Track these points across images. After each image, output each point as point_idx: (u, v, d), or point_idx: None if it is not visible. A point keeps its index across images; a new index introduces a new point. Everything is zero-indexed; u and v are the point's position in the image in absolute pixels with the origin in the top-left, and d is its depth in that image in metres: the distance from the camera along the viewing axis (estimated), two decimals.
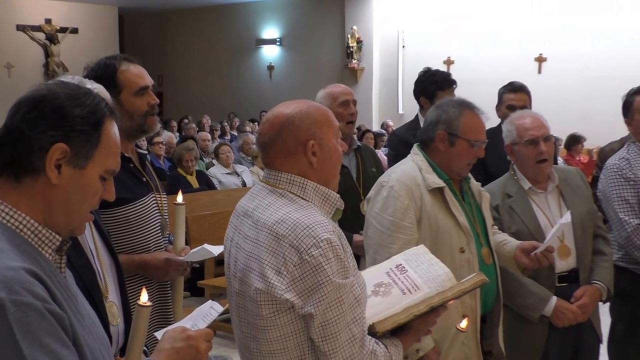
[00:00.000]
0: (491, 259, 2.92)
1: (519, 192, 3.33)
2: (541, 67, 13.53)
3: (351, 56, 15.78)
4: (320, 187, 2.02)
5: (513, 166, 3.42)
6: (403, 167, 2.89)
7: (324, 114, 2.07)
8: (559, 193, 3.36)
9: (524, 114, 3.39)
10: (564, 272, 3.28)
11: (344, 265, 1.89)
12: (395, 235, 2.73)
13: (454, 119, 2.83)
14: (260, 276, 1.92)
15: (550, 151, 3.31)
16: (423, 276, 2.18)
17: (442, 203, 2.80)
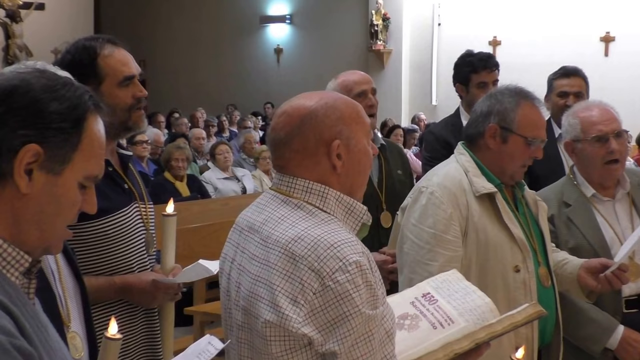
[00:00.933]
0: (550, 280, 2.93)
1: (579, 199, 3.34)
2: (608, 49, 13.49)
3: (376, 36, 15.81)
4: (344, 197, 2.02)
5: (573, 169, 3.43)
6: (446, 169, 2.91)
7: (353, 109, 2.07)
8: (630, 201, 3.37)
9: (590, 105, 3.41)
10: (633, 296, 3.27)
11: (375, 293, 1.89)
12: (437, 251, 2.75)
13: (509, 110, 2.86)
14: (271, 305, 1.90)
15: (623, 150, 3.32)
16: (458, 307, 2.18)
17: (493, 212, 2.82)
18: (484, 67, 4.42)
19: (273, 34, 18.17)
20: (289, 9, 17.90)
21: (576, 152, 3.37)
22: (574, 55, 12.80)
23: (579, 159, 3.37)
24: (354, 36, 16.47)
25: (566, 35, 13.57)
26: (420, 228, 2.80)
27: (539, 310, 2.23)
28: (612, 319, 3.24)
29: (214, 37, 18.66)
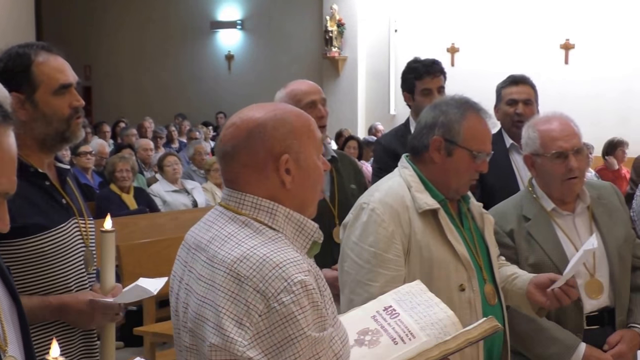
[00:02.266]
0: (496, 298, 2.92)
1: (539, 214, 3.35)
2: (568, 56, 13.68)
3: (331, 43, 15.86)
4: (294, 214, 2.01)
5: (532, 182, 3.44)
6: (388, 184, 2.89)
7: (304, 122, 2.07)
8: (590, 215, 3.39)
9: (550, 118, 3.41)
10: (595, 312, 3.29)
11: (322, 314, 1.88)
12: (377, 271, 2.73)
13: (454, 122, 2.84)
14: (216, 328, 1.89)
15: (582, 166, 3.33)
16: (420, 321, 2.18)
17: (437, 229, 2.80)
18: (427, 72, 4.42)
19: (224, 40, 18.14)
20: (240, 14, 17.90)
21: (536, 167, 3.38)
22: (534, 62, 13.02)
23: (538, 173, 3.38)
24: (307, 43, 16.51)
25: (526, 43, 13.74)
26: (360, 246, 2.78)
27: (494, 325, 2.24)
28: (574, 337, 3.25)
29: (162, 43, 18.58)
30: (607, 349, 3.26)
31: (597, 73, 13.15)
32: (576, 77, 13.32)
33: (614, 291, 3.30)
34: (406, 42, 15.07)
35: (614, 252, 3.31)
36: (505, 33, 13.98)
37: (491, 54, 13.96)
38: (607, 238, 3.32)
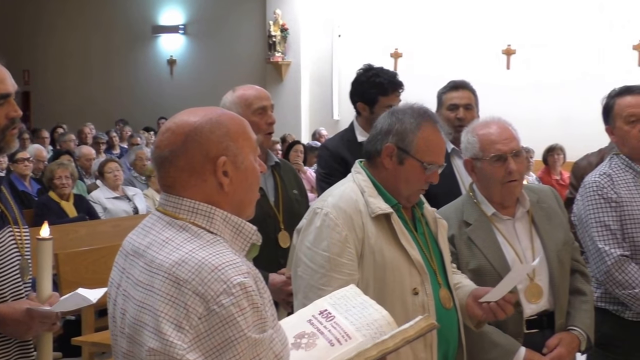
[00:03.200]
0: (452, 302, 2.96)
1: (480, 218, 3.39)
2: (509, 61, 13.87)
3: (274, 48, 15.86)
4: (231, 216, 2.02)
5: (473, 187, 3.48)
6: (341, 189, 2.92)
7: (239, 125, 2.09)
8: (530, 220, 3.44)
9: (489, 122, 3.45)
10: (534, 317, 3.34)
11: (262, 315, 1.89)
12: (331, 275, 2.75)
13: (409, 132, 2.88)
14: (155, 333, 1.89)
15: (521, 169, 3.39)
16: (355, 322, 2.20)
17: (390, 233, 2.84)
18: (394, 90, 4.44)
19: (166, 45, 18.03)
20: (183, 19, 17.80)
21: (476, 171, 3.42)
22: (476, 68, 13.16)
23: (478, 177, 3.42)
24: (251, 47, 16.48)
25: (468, 48, 13.88)
26: (314, 251, 2.80)
27: (430, 323, 2.26)
28: (513, 341, 3.29)
29: (103, 47, 18.40)
30: (547, 352, 3.31)
31: (538, 78, 13.33)
32: (517, 83, 13.49)
33: (553, 295, 3.35)
34: (350, 48, 15.14)
35: (553, 256, 3.36)
36: (448, 38, 14.11)
37: (434, 59, 14.07)
38: (547, 242, 3.37)
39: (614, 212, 3.64)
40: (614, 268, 3.58)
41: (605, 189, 3.68)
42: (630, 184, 3.70)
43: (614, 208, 3.65)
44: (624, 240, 3.63)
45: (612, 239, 3.62)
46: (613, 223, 3.63)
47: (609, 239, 3.62)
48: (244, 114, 3.79)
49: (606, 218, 3.64)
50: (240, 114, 3.76)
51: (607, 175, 3.72)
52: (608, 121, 3.80)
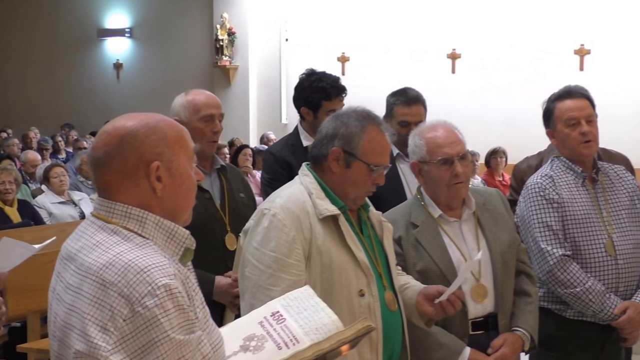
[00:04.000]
0: (397, 304, 2.99)
1: (427, 220, 3.43)
2: (455, 66, 14.01)
3: (222, 52, 15.81)
4: (164, 221, 2.03)
5: (420, 189, 3.52)
6: (289, 190, 2.93)
7: (177, 131, 2.09)
8: (476, 221, 3.48)
9: (436, 126, 3.49)
10: (480, 318, 3.38)
11: (188, 317, 1.90)
12: (278, 276, 2.76)
13: (354, 135, 2.90)
14: (81, 335, 1.90)
15: (467, 172, 3.43)
16: (305, 326, 2.21)
17: (337, 235, 2.86)
18: (337, 94, 4.45)
19: (112, 48, 17.86)
20: (129, 22, 17.65)
21: (423, 174, 3.45)
22: (423, 72, 13.30)
23: (425, 180, 3.46)
24: (198, 51, 16.41)
25: (414, 52, 13.98)
26: (262, 252, 2.81)
27: (367, 325, 2.28)
28: (459, 342, 3.33)
29: (48, 51, 18.15)
30: (491, 352, 3.35)
31: (482, 82, 13.49)
32: (463, 86, 13.64)
33: (497, 296, 3.40)
34: (297, 51, 15.15)
35: (498, 258, 3.41)
36: (395, 42, 14.20)
37: (382, 63, 14.15)
38: (492, 244, 3.42)
39: (555, 213, 3.71)
40: (556, 268, 3.65)
41: (547, 190, 3.74)
42: (571, 185, 3.78)
43: (555, 209, 3.71)
44: (565, 240, 3.70)
45: (554, 239, 3.68)
46: (555, 223, 3.70)
47: (551, 239, 3.69)
48: (190, 119, 3.81)
49: (548, 219, 3.71)
50: (187, 118, 3.82)
51: (549, 177, 3.79)
52: (549, 124, 3.87)
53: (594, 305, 3.65)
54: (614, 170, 3.94)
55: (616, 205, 3.81)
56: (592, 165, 3.84)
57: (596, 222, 3.73)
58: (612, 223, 3.75)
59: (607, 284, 3.69)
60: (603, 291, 3.65)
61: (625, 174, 3.95)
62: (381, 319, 2.87)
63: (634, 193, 3.87)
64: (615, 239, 3.72)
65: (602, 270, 3.70)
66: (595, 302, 3.65)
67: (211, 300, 3.69)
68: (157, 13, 17.08)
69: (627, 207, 3.82)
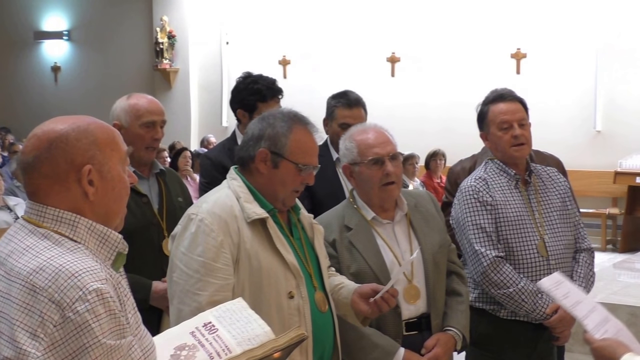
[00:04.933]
0: (327, 305, 3.01)
1: (360, 223, 3.45)
2: (394, 69, 14.11)
3: (162, 55, 15.70)
4: (96, 225, 2.01)
5: (353, 192, 3.54)
6: (217, 195, 2.93)
7: (109, 134, 2.07)
8: (408, 223, 3.52)
9: (367, 128, 3.54)
10: (413, 319, 3.42)
11: (119, 322, 1.89)
12: (206, 280, 2.75)
13: (281, 135, 2.91)
14: (9, 341, 1.86)
15: (398, 172, 3.47)
16: (237, 336, 2.20)
17: (265, 238, 2.86)
18: (272, 96, 4.46)
19: (49, 51, 17.61)
20: (66, 24, 17.42)
21: (354, 176, 3.48)
22: (363, 75, 13.36)
23: (357, 182, 3.49)
24: (138, 54, 16.26)
25: (355, 56, 14.04)
26: (189, 256, 2.80)
27: (300, 334, 2.28)
28: (393, 343, 3.36)
29: None
30: (425, 352, 3.39)
31: (423, 85, 13.60)
32: (403, 89, 13.73)
33: (429, 296, 3.44)
34: (238, 54, 15.12)
35: (429, 259, 3.45)
36: (336, 46, 14.23)
37: (322, 66, 14.19)
38: (424, 245, 3.45)
39: (489, 215, 3.76)
40: (489, 269, 3.70)
41: (480, 192, 3.80)
42: (504, 188, 3.83)
43: (489, 211, 3.77)
44: (499, 242, 3.75)
45: (488, 241, 3.74)
46: (488, 225, 3.75)
47: (484, 241, 3.74)
48: (131, 124, 3.78)
49: (482, 221, 3.76)
50: (127, 123, 3.80)
51: (483, 180, 3.85)
52: (482, 127, 3.92)
53: (527, 305, 3.72)
54: (547, 172, 4.01)
55: (548, 206, 3.88)
56: (525, 168, 3.91)
57: (528, 224, 3.79)
58: (544, 224, 3.82)
59: None
60: (535, 291, 3.72)
61: (557, 175, 4.02)
62: (311, 320, 2.88)
63: (565, 194, 3.95)
64: (547, 240, 3.79)
65: (534, 271, 3.76)
66: (527, 302, 3.71)
67: (148, 305, 3.67)
68: (96, 16, 16.89)
69: (559, 208, 3.89)
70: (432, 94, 13.49)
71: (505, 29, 12.96)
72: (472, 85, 12.26)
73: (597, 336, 2.47)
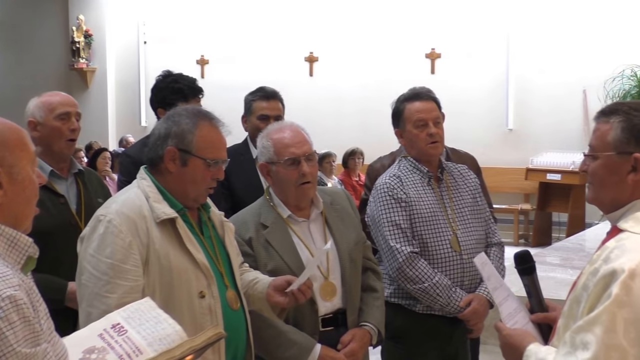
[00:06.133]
0: (239, 303, 3.00)
1: (276, 221, 3.45)
2: (313, 69, 14.16)
3: (78, 54, 15.46)
4: (5, 229, 1.96)
5: (269, 190, 3.54)
6: (126, 195, 2.89)
7: (17, 135, 2.02)
8: (323, 221, 3.53)
9: (282, 127, 3.52)
10: (329, 315, 3.43)
11: (34, 329, 1.85)
12: (115, 282, 2.70)
13: (187, 132, 2.88)
14: None
15: (314, 172, 3.48)
16: (147, 337, 2.18)
17: (175, 238, 2.83)
18: (194, 95, 4.44)
19: None
20: None
21: (271, 175, 3.47)
22: (282, 74, 13.38)
23: (274, 181, 3.48)
24: (53, 54, 15.95)
25: (274, 55, 14.06)
26: (97, 258, 2.75)
27: (218, 333, 2.28)
28: (310, 339, 3.37)
29: None
30: (341, 348, 3.41)
31: (340, 84, 13.69)
32: (321, 89, 13.81)
33: (345, 293, 3.46)
34: (156, 54, 14.97)
35: (345, 255, 3.47)
36: (255, 46, 14.23)
37: (241, 66, 14.16)
38: (340, 242, 3.47)
39: (403, 212, 3.81)
40: (404, 264, 3.75)
41: (395, 189, 3.84)
42: (417, 185, 3.89)
43: (403, 208, 3.82)
44: (413, 238, 3.80)
45: (403, 237, 3.78)
46: (403, 222, 3.80)
47: (399, 237, 3.78)
48: (46, 118, 3.77)
49: (397, 217, 3.80)
50: (42, 118, 3.76)
51: (397, 177, 3.90)
52: (398, 125, 3.97)
53: (441, 299, 3.78)
54: (458, 169, 4.08)
55: (460, 203, 3.95)
56: (438, 165, 3.97)
57: (441, 220, 3.85)
58: (456, 220, 3.89)
59: (453, 279, 3.83)
60: (449, 285, 3.78)
61: (468, 172, 4.10)
62: (223, 319, 2.86)
63: (475, 191, 4.03)
64: (459, 235, 3.86)
65: (448, 266, 3.83)
66: (442, 296, 3.77)
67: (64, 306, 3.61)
68: (10, 15, 16.49)
69: (470, 204, 3.97)
70: (350, 93, 13.60)
71: (421, 29, 13.15)
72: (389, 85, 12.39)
73: (508, 325, 2.53)
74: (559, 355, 2.19)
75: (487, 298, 3.85)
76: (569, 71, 12.17)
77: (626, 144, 2.29)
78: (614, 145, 2.30)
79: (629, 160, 2.28)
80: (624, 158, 2.28)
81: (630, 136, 2.28)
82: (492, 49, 12.76)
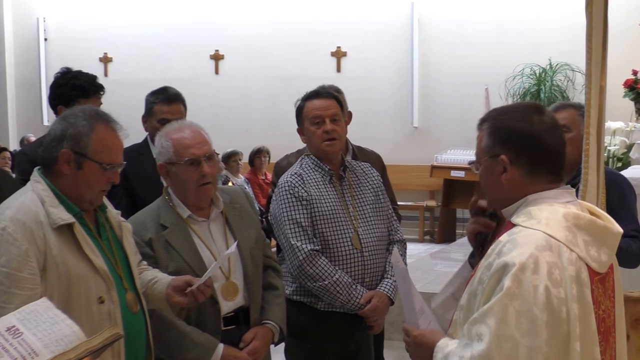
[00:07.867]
0: (139, 305, 2.97)
1: (176, 221, 3.43)
2: (218, 66, 14.09)
3: None
4: None
5: (168, 190, 3.51)
6: (20, 200, 2.80)
7: None
8: (224, 220, 3.53)
9: (182, 127, 3.50)
10: (231, 313, 3.44)
11: None
12: (12, 292, 2.62)
13: (83, 135, 2.81)
14: None
15: (214, 172, 3.46)
16: (44, 339, 2.15)
17: (73, 243, 2.77)
18: (95, 92, 4.38)
19: None
20: None
21: (170, 175, 3.45)
22: (187, 71, 13.30)
23: (173, 181, 3.46)
24: None
25: (179, 52, 13.92)
26: None
27: (115, 333, 2.26)
28: (212, 339, 3.36)
29: None
30: (243, 346, 3.42)
31: (246, 82, 13.66)
32: (227, 87, 13.75)
33: (248, 291, 3.47)
34: (58, 52, 14.64)
35: (246, 254, 3.48)
36: (159, 43, 14.06)
37: (145, 64, 13.98)
38: (241, 241, 3.47)
39: (305, 210, 3.84)
40: (305, 262, 3.78)
41: (296, 188, 3.87)
42: (319, 183, 3.92)
43: (305, 206, 3.84)
44: (315, 236, 3.84)
45: (304, 235, 3.81)
46: (304, 220, 3.83)
47: (300, 235, 3.81)
48: None
49: (298, 215, 3.83)
50: None
51: (298, 175, 3.92)
52: (299, 122, 4.01)
53: (342, 297, 3.82)
54: (361, 167, 4.13)
55: (362, 200, 3.99)
56: (341, 163, 4.01)
57: (343, 217, 3.89)
58: (358, 218, 3.94)
59: (354, 276, 3.87)
60: (350, 283, 3.82)
61: (371, 170, 4.15)
62: (122, 322, 2.82)
63: (378, 188, 4.08)
64: (360, 233, 3.91)
65: (349, 263, 3.87)
66: (342, 294, 3.81)
67: None
68: None
69: (372, 202, 4.02)
70: (257, 92, 13.59)
71: (326, 27, 13.22)
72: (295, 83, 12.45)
73: (414, 325, 2.55)
74: (459, 347, 2.26)
75: (387, 295, 3.91)
76: (472, 69, 12.41)
77: (493, 147, 2.39)
78: (486, 151, 2.42)
79: (498, 162, 2.38)
80: (495, 160, 2.39)
81: (495, 139, 2.39)
82: (397, 48, 12.93)
